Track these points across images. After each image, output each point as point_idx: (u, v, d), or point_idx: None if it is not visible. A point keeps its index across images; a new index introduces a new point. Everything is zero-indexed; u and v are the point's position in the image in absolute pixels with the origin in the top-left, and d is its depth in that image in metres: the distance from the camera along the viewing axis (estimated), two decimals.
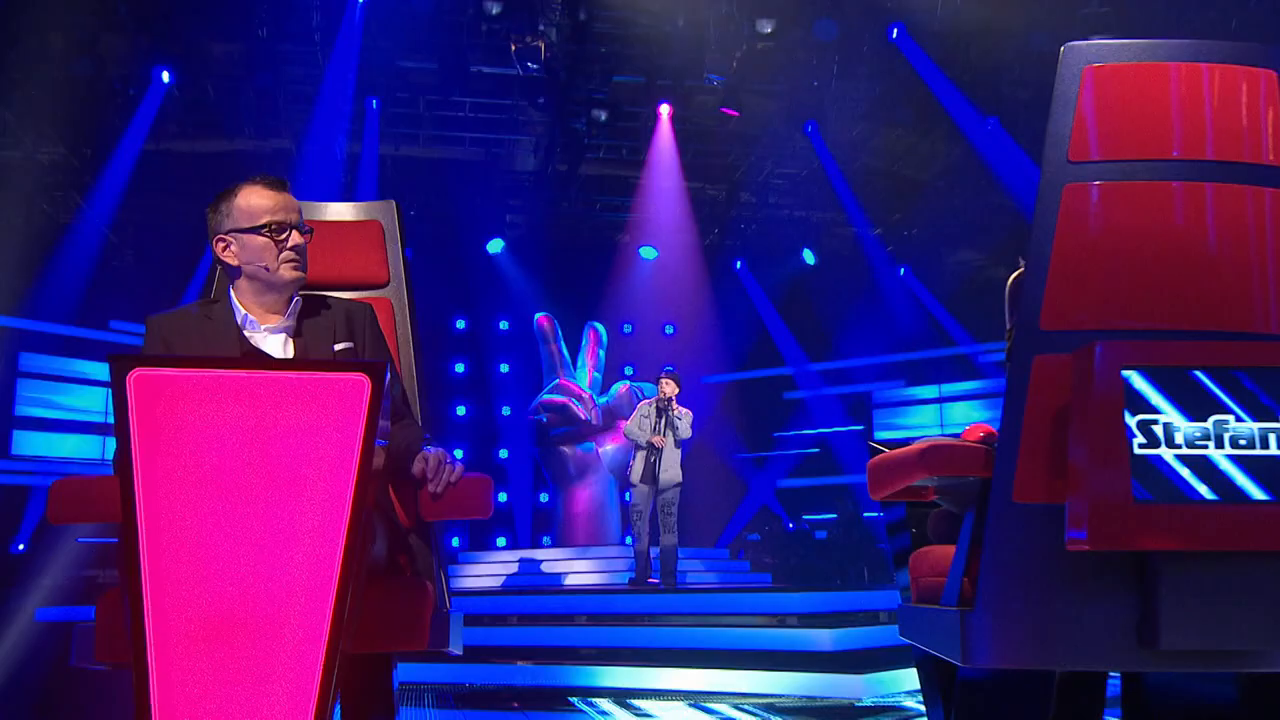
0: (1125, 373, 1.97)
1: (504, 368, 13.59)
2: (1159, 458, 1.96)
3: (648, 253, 13.29)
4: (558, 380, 11.78)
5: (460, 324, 13.70)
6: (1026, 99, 10.19)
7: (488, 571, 10.78)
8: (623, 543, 10.69)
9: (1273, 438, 1.96)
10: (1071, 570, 2.08)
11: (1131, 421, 1.97)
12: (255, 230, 2.40)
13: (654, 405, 8.83)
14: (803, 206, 12.96)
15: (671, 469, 8.74)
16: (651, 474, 8.72)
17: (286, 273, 2.41)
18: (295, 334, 2.45)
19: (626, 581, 9.07)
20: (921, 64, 9.84)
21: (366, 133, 11.08)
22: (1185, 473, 1.96)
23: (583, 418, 11.55)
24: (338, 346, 2.45)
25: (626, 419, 9.40)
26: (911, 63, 9.88)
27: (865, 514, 12.23)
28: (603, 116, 11.02)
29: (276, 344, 2.43)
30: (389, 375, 2.58)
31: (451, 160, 12.17)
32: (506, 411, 13.43)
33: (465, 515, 2.42)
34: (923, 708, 3.19)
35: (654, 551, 8.82)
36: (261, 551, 1.75)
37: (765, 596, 8.35)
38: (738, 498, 13.27)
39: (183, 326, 2.43)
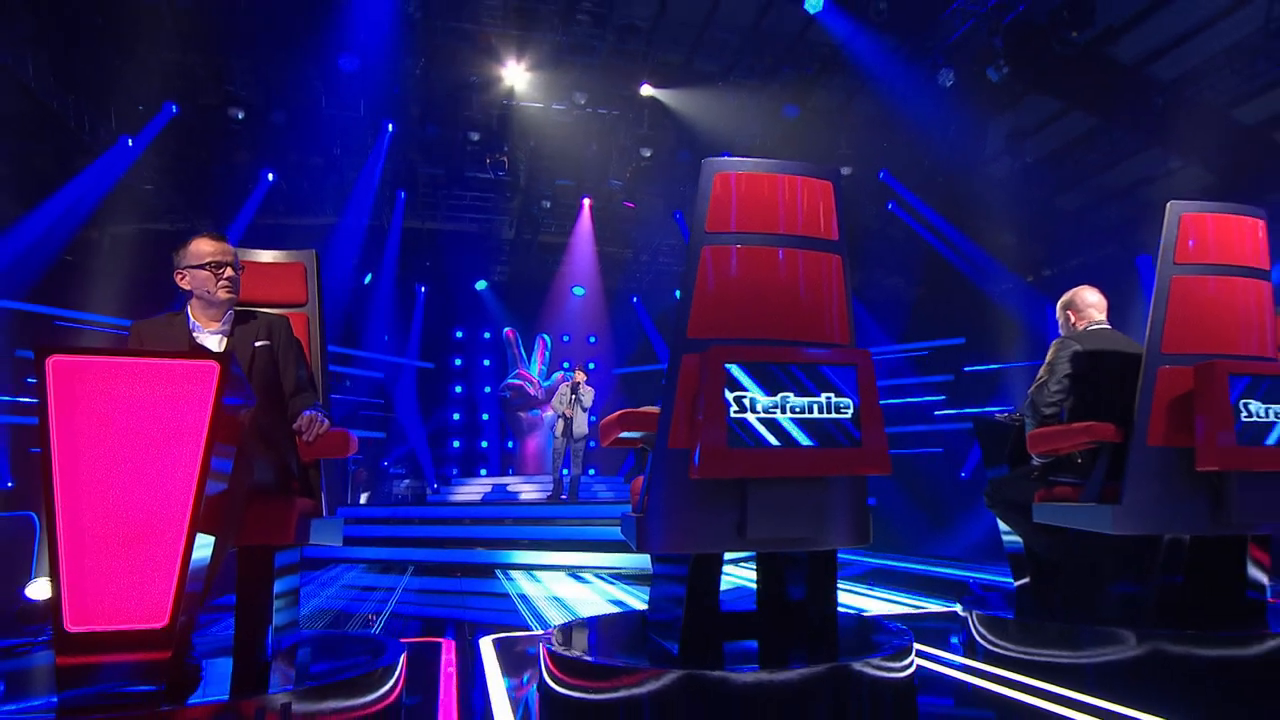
0: (727, 365, 1.93)
1: (485, 362, 13.36)
2: (746, 419, 1.92)
3: (578, 290, 13.16)
4: (517, 370, 11.66)
5: (459, 334, 13.44)
6: None
7: (472, 490, 10.58)
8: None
9: (815, 407, 1.93)
10: (699, 491, 2.04)
11: (730, 396, 1.93)
12: (201, 267, 2.28)
13: (569, 386, 8.71)
14: (675, 264, 12.90)
15: (580, 427, 8.63)
16: (568, 431, 8.61)
17: (222, 295, 2.29)
18: (228, 335, 2.33)
19: (545, 497, 8.94)
20: None
21: (395, 213, 10.88)
22: (762, 429, 1.93)
23: (532, 394, 11.45)
24: (256, 344, 2.33)
25: None
26: None
27: None
28: (548, 205, 10.92)
29: (214, 343, 2.30)
30: (300, 366, 2.48)
31: (456, 231, 11.91)
32: (487, 390, 13.20)
33: (330, 456, 2.30)
34: None
35: (566, 479, 8.71)
36: (141, 480, 1.63)
37: (623, 506, 8.26)
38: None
39: (153, 330, 2.29)
